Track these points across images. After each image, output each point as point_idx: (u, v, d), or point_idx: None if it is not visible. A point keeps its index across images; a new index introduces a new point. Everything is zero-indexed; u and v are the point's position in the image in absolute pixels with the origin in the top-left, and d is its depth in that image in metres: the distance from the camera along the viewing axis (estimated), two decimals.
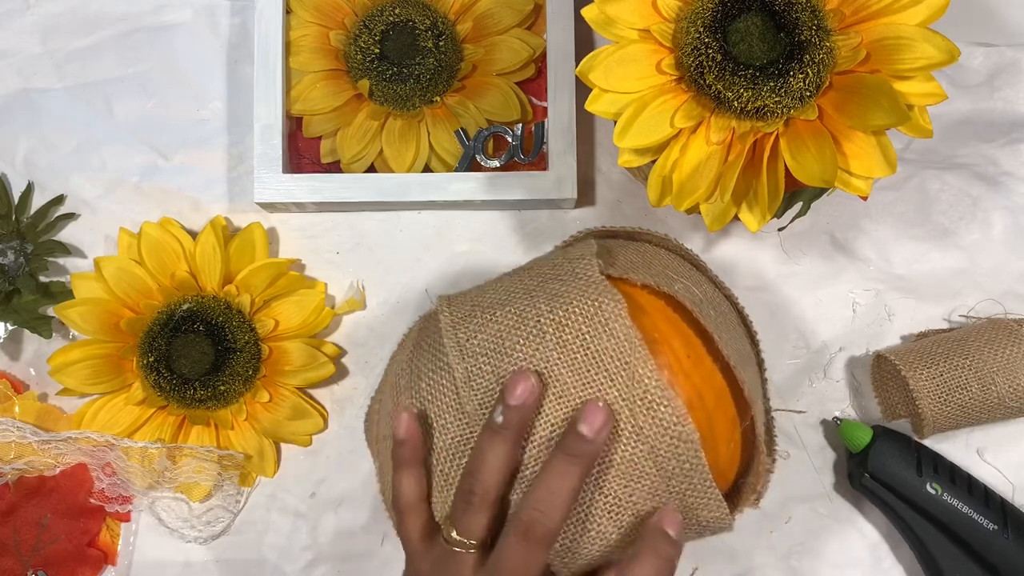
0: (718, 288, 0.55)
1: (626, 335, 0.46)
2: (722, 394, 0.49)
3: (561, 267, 0.50)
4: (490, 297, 0.50)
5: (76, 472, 0.61)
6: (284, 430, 0.62)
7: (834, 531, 0.62)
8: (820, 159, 0.45)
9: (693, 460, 0.45)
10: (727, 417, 0.49)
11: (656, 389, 0.45)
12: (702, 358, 0.49)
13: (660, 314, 0.49)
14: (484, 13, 0.63)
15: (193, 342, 0.60)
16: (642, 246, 0.55)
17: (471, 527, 0.45)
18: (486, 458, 0.45)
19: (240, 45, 0.66)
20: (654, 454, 0.45)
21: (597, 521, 0.45)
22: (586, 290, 0.47)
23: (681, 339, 0.48)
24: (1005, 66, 0.64)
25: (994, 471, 0.61)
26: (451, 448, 0.48)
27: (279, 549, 0.63)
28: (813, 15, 0.46)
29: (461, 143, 0.62)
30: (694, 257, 0.55)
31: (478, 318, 0.49)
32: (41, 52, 0.66)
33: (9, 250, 0.63)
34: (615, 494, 0.45)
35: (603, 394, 0.45)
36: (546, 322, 0.47)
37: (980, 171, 0.63)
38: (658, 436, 0.45)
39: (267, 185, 0.61)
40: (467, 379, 0.47)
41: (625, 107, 0.48)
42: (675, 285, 0.50)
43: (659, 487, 0.46)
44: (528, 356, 0.46)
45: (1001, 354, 0.57)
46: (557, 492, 0.43)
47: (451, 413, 0.48)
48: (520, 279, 0.51)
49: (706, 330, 0.48)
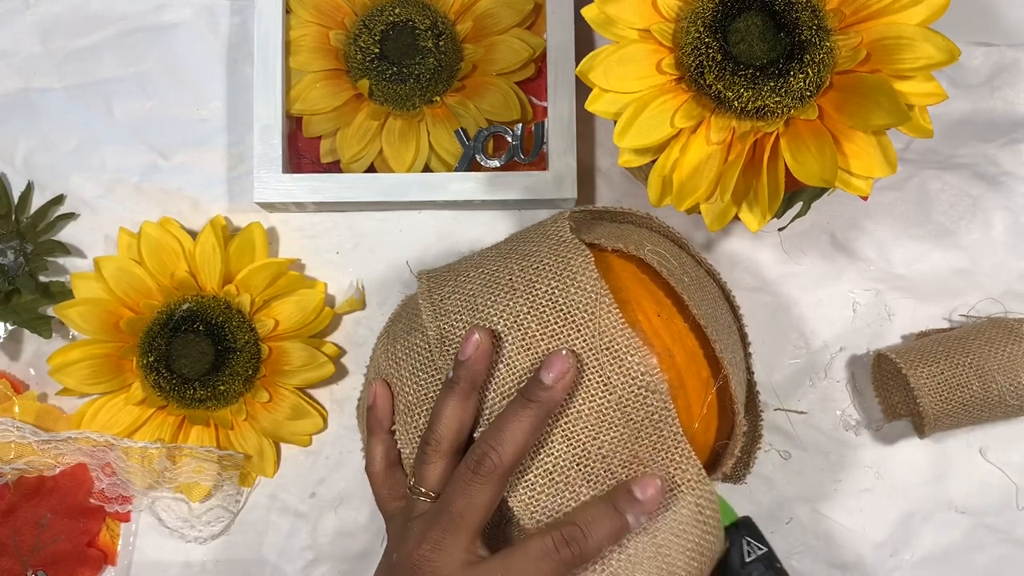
0: (700, 264, 0.55)
1: (592, 287, 0.47)
2: (694, 354, 0.49)
3: (534, 231, 0.52)
4: (465, 264, 0.52)
5: (76, 472, 0.61)
6: (284, 430, 0.62)
7: (835, 531, 0.62)
8: (820, 159, 0.45)
9: (662, 411, 0.45)
10: (699, 377, 0.49)
11: (622, 339, 0.46)
12: (673, 317, 0.49)
13: (630, 275, 0.50)
14: (484, 13, 0.63)
15: (193, 342, 0.60)
16: (623, 224, 0.55)
17: (427, 476, 0.47)
18: (439, 412, 0.47)
19: (240, 45, 0.66)
20: (621, 404, 0.45)
21: (564, 472, 0.46)
22: (556, 248, 0.49)
23: (651, 299, 0.49)
24: (1005, 66, 0.64)
25: (996, 471, 0.62)
26: (421, 404, 0.49)
27: (279, 549, 0.63)
28: (813, 15, 0.46)
29: (461, 143, 0.62)
30: (676, 235, 0.56)
31: (452, 282, 0.50)
32: (41, 52, 0.66)
33: (9, 250, 0.63)
34: (583, 445, 0.46)
35: (570, 345, 0.46)
36: (517, 280, 0.48)
37: (980, 171, 0.63)
38: (625, 386, 0.45)
39: (267, 185, 0.61)
40: (440, 337, 0.49)
41: (625, 107, 0.48)
42: (645, 248, 0.50)
43: (628, 438, 0.46)
44: (499, 312, 0.47)
45: (1001, 352, 0.57)
46: (510, 431, 0.45)
47: (424, 370, 0.49)
48: (496, 247, 0.53)
49: (678, 294, 0.49)
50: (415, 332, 0.50)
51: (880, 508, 0.62)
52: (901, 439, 0.62)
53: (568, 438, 0.46)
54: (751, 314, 0.61)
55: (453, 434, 0.47)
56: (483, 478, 0.45)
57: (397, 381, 0.50)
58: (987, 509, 0.62)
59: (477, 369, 0.46)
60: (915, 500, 0.62)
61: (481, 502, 0.45)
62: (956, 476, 0.62)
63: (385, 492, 0.51)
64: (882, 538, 0.62)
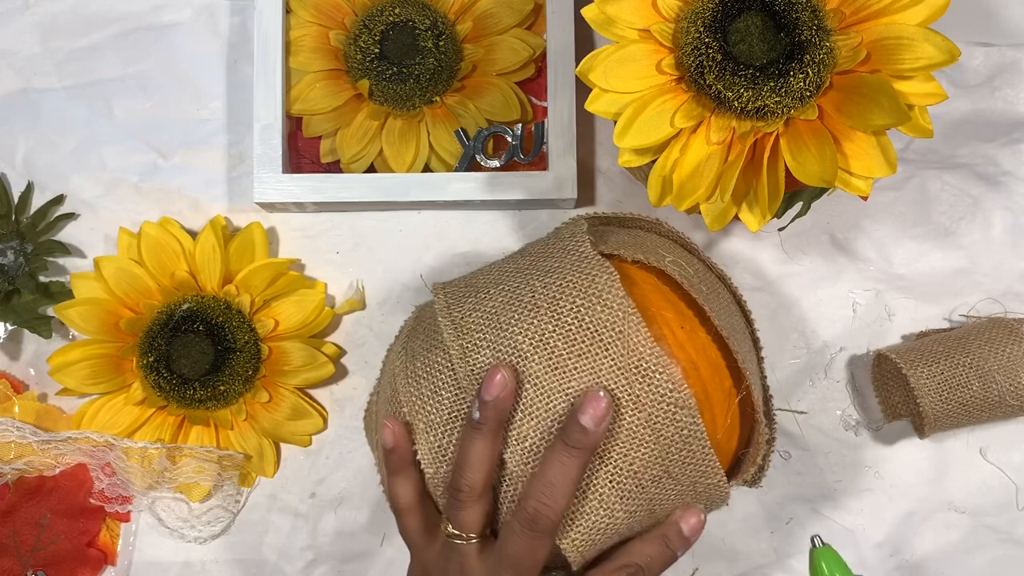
0: (711, 269, 0.55)
1: (620, 305, 0.46)
2: (717, 366, 0.49)
3: (552, 246, 0.51)
4: (483, 279, 0.51)
5: (76, 472, 0.61)
6: (284, 430, 0.62)
7: (835, 531, 0.62)
8: (820, 159, 0.45)
9: (691, 426, 0.46)
10: (723, 388, 0.49)
11: (651, 357, 0.45)
12: (696, 329, 0.49)
13: (652, 287, 0.50)
14: (484, 13, 0.63)
15: (193, 342, 0.60)
16: (633, 230, 0.55)
17: (465, 522, 0.47)
18: (468, 456, 0.46)
19: (240, 45, 0.66)
20: (651, 421, 0.45)
21: (598, 490, 0.46)
22: (579, 264, 0.48)
23: (674, 311, 0.49)
24: (1005, 66, 0.64)
25: (996, 471, 0.62)
26: (446, 423, 0.48)
27: (279, 549, 0.63)
28: (813, 15, 0.46)
29: (461, 143, 0.62)
30: (686, 240, 0.56)
31: (472, 298, 0.50)
32: (41, 52, 0.66)
33: (9, 250, 0.63)
34: (615, 463, 0.46)
35: (598, 364, 0.46)
36: (540, 297, 0.48)
37: (980, 171, 0.63)
38: (655, 403, 0.45)
39: (267, 185, 0.61)
40: (463, 355, 0.48)
41: (625, 107, 0.48)
42: (666, 260, 0.50)
43: (658, 454, 0.46)
44: (524, 330, 0.47)
45: (1001, 352, 0.57)
46: (559, 483, 0.44)
47: (447, 389, 0.48)
48: (513, 261, 0.52)
49: (699, 304, 0.49)
50: (436, 350, 0.49)
51: (880, 508, 0.62)
52: (901, 439, 0.62)
53: (601, 457, 0.46)
54: (751, 314, 0.61)
55: (485, 476, 0.46)
56: (541, 535, 0.45)
57: (418, 400, 0.49)
58: (987, 509, 0.62)
59: (503, 408, 0.45)
60: (915, 500, 0.62)
61: (541, 555, 0.45)
62: (956, 476, 0.62)
63: (416, 525, 0.49)
64: (882, 538, 0.62)
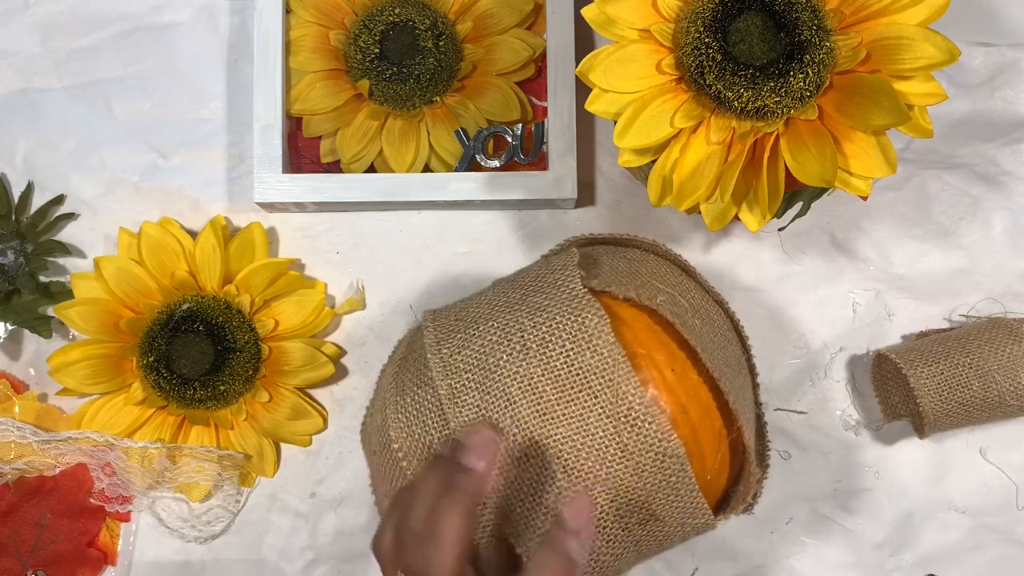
0: (708, 294, 0.55)
1: (609, 352, 0.46)
2: (708, 407, 0.49)
3: (543, 279, 0.50)
4: (474, 312, 0.51)
5: (76, 472, 0.61)
6: (284, 430, 0.62)
7: (835, 531, 0.62)
8: (820, 159, 0.45)
9: (679, 474, 0.46)
10: (713, 429, 0.49)
11: (640, 406, 0.45)
12: (687, 371, 0.49)
13: (643, 327, 0.49)
14: (484, 13, 0.63)
15: (193, 342, 0.60)
16: (630, 252, 0.55)
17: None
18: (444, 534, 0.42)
19: (240, 45, 0.66)
20: (639, 469, 0.45)
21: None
22: (569, 304, 0.48)
23: (665, 352, 0.49)
24: (1005, 66, 0.64)
25: (996, 471, 0.62)
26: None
27: (279, 549, 0.63)
28: (813, 15, 0.46)
29: (461, 143, 0.62)
30: (683, 263, 0.56)
31: (461, 333, 0.49)
32: (41, 52, 0.66)
33: (9, 250, 0.63)
34: (601, 508, 0.46)
35: (587, 411, 0.46)
36: (530, 338, 0.47)
37: (980, 171, 0.63)
38: (643, 452, 0.45)
39: (267, 185, 0.61)
40: (451, 396, 0.48)
41: (625, 107, 0.48)
42: (658, 297, 0.50)
43: (644, 499, 0.46)
44: (512, 374, 0.47)
45: (1001, 352, 0.57)
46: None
47: (436, 429, 0.48)
48: (504, 291, 0.51)
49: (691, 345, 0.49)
50: (425, 386, 0.49)
51: (880, 508, 0.62)
52: (901, 439, 0.62)
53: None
54: (751, 314, 0.61)
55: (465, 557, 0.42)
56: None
57: (407, 436, 0.49)
58: (987, 509, 0.62)
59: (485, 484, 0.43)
60: (915, 500, 0.62)
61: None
62: (956, 476, 0.62)
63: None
64: (882, 538, 0.62)
